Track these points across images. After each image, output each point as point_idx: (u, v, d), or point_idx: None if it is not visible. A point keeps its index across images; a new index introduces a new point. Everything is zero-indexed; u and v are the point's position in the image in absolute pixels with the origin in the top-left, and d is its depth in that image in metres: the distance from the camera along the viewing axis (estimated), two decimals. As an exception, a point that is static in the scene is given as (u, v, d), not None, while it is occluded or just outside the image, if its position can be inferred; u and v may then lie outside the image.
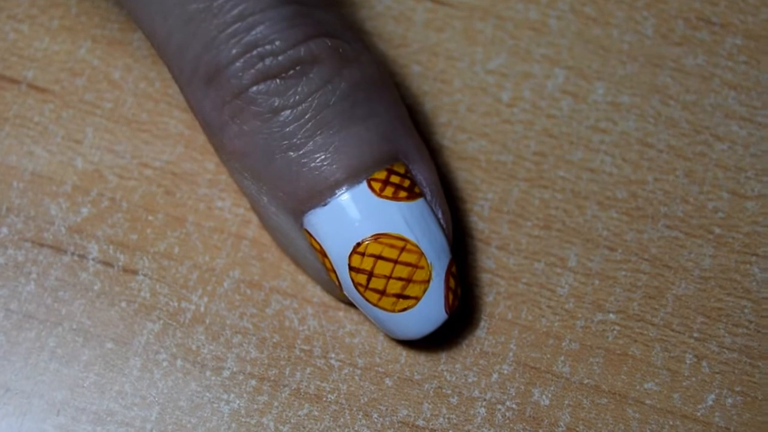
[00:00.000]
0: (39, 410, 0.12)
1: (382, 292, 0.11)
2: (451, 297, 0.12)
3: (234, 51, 0.11)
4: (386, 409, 0.12)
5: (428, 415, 0.12)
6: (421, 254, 0.11)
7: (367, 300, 0.12)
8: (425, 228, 0.12)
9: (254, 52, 0.11)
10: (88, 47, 0.13)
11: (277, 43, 0.11)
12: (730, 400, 0.13)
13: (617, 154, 0.14)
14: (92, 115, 0.13)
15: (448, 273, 0.12)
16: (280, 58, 0.11)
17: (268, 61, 0.11)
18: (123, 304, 0.12)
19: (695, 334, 0.13)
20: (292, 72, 0.11)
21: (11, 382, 0.12)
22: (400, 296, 0.11)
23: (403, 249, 0.11)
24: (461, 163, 0.13)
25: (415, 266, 0.11)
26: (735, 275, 0.13)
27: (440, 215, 0.12)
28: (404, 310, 0.11)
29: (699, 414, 0.12)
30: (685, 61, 0.13)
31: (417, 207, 0.12)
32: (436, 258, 0.12)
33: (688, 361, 0.13)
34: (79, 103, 0.13)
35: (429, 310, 0.11)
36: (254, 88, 0.11)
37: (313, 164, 0.11)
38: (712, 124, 0.14)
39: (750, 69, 0.13)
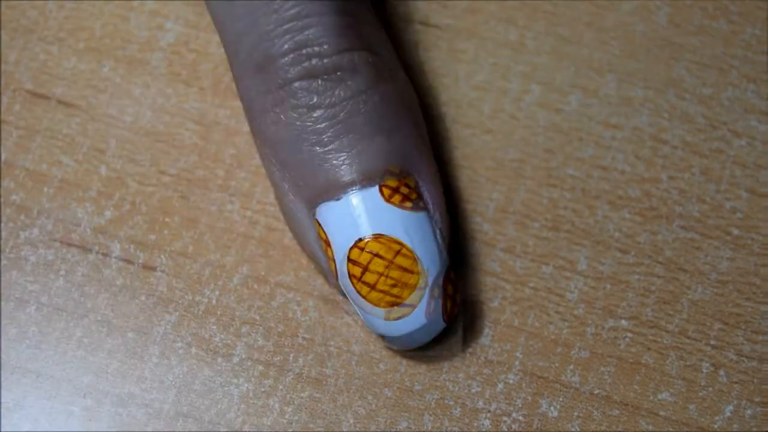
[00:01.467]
0: (67, 393, 0.08)
1: (372, 287, 0.07)
2: (449, 304, 0.07)
3: (286, 46, 0.08)
4: (386, 421, 0.07)
5: (430, 428, 0.07)
6: (415, 260, 0.07)
7: (358, 292, 0.08)
8: (423, 239, 0.08)
9: (303, 51, 0.08)
10: (111, 66, 0.08)
11: (326, 46, 0.08)
12: (749, 412, 0.07)
13: (630, 150, 0.08)
14: (115, 128, 0.09)
15: (440, 283, 0.07)
16: (325, 60, 0.08)
17: (314, 61, 0.08)
18: (143, 298, 0.08)
19: (712, 342, 0.07)
20: (333, 76, 0.08)
21: (42, 368, 0.09)
22: (387, 294, 0.08)
23: (398, 252, 0.07)
24: (464, 161, 0.08)
25: (407, 270, 0.07)
26: (754, 279, 0.07)
27: (439, 232, 0.08)
28: (399, 318, 0.07)
29: (716, 426, 0.07)
30: (701, 52, 0.07)
31: (418, 219, 0.08)
32: (430, 268, 0.07)
33: (704, 370, 0.07)
34: (103, 117, 0.09)
35: (414, 317, 0.07)
36: (297, 84, 0.08)
37: (334, 161, 0.08)
38: (729, 119, 0.08)
39: (770, 60, 0.12)
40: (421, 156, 0.09)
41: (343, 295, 0.09)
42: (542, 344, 0.08)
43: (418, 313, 0.08)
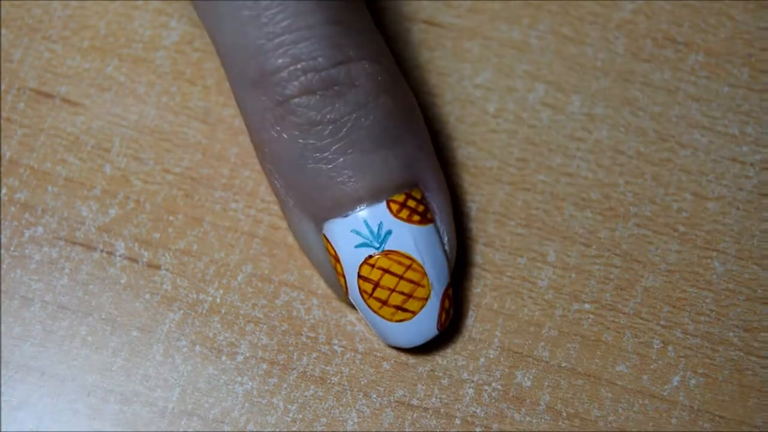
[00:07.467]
0: (72, 392, 0.10)
1: (384, 302, 0.09)
2: (443, 316, 0.09)
3: (280, 61, 0.09)
4: (384, 390, 0.10)
5: (422, 396, 0.10)
6: (424, 274, 0.09)
7: (369, 307, 0.09)
8: (431, 251, 0.09)
9: (298, 66, 0.09)
10: (115, 65, 0.12)
11: (320, 59, 0.09)
12: (693, 381, 0.10)
13: (592, 159, 0.11)
14: (119, 126, 0.11)
15: (445, 294, 0.09)
16: (322, 74, 0.09)
17: (310, 75, 0.09)
18: (147, 296, 0.10)
19: (662, 322, 0.11)
20: (331, 91, 0.09)
21: (47, 366, 0.10)
22: (399, 308, 0.09)
23: (409, 267, 0.09)
24: (451, 168, 0.11)
25: (417, 284, 0.09)
26: (698, 269, 0.11)
27: (446, 241, 0.10)
28: (401, 321, 0.10)
29: (665, 394, 0.10)
30: (652, 76, 0.12)
31: (426, 231, 0.10)
32: (437, 279, 0.09)
33: (655, 346, 0.10)
34: (107, 116, 0.11)
35: (422, 325, 0.10)
36: (295, 101, 0.09)
37: (340, 179, 0.09)
38: (677, 132, 0.11)
39: (711, 83, 0.12)
40: (425, 165, 0.09)
41: (352, 306, 0.09)
42: (517, 324, 0.10)
43: (418, 319, 0.09)
